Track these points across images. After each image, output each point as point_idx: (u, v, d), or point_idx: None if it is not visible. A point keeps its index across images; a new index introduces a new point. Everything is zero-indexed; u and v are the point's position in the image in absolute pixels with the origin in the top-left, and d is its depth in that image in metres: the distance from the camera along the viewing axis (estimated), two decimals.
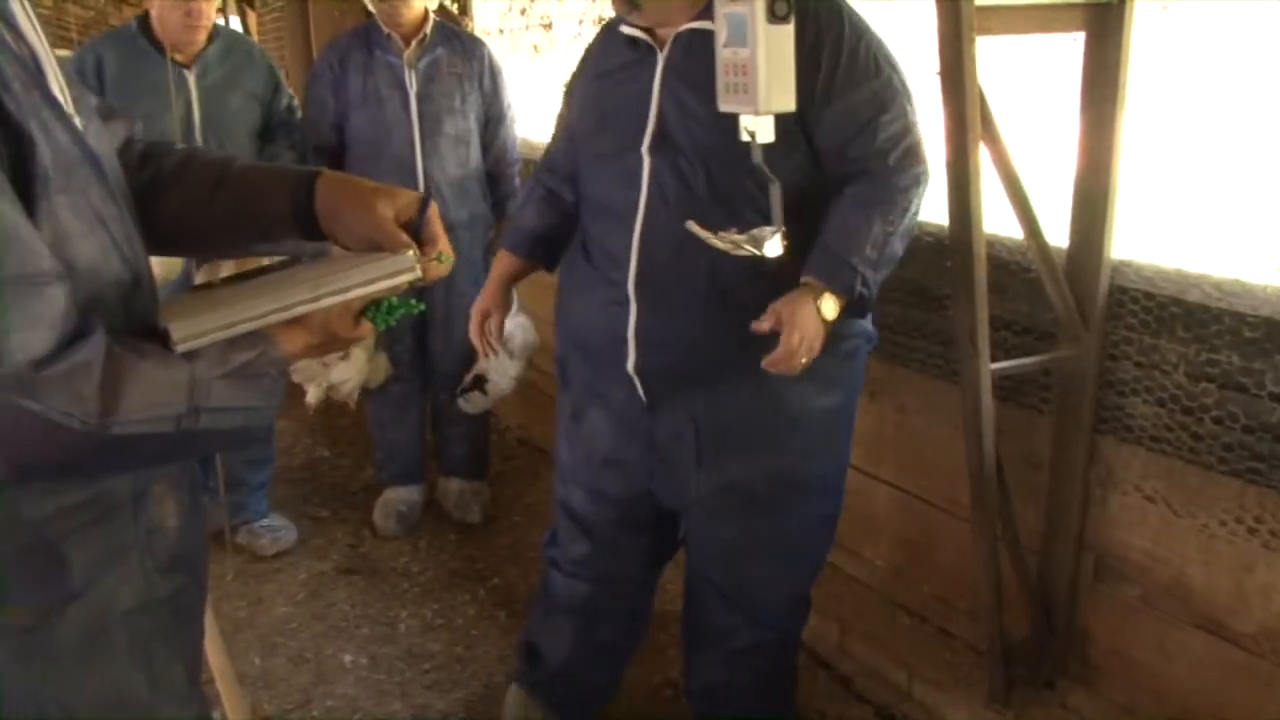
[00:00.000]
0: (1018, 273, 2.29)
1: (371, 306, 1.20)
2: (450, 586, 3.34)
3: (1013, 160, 2.01)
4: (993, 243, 2.26)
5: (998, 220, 2.12)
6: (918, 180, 1.96)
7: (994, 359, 2.14)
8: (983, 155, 1.98)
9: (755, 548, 2.22)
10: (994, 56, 1.99)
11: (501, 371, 3.43)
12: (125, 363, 0.97)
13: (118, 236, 1.05)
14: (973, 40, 1.87)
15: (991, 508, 2.21)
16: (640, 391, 2.11)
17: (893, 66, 1.94)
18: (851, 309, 1.95)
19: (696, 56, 1.91)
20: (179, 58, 3.19)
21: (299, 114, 3.53)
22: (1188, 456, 2.04)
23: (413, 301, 1.24)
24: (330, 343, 1.19)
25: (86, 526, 1.08)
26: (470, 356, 3.46)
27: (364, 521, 3.75)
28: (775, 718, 2.49)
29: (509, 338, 3.41)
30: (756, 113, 1.75)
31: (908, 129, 1.94)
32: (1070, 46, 2.02)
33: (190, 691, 1.27)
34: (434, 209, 1.26)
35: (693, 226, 1.83)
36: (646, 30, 1.99)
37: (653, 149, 1.98)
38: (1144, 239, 2.16)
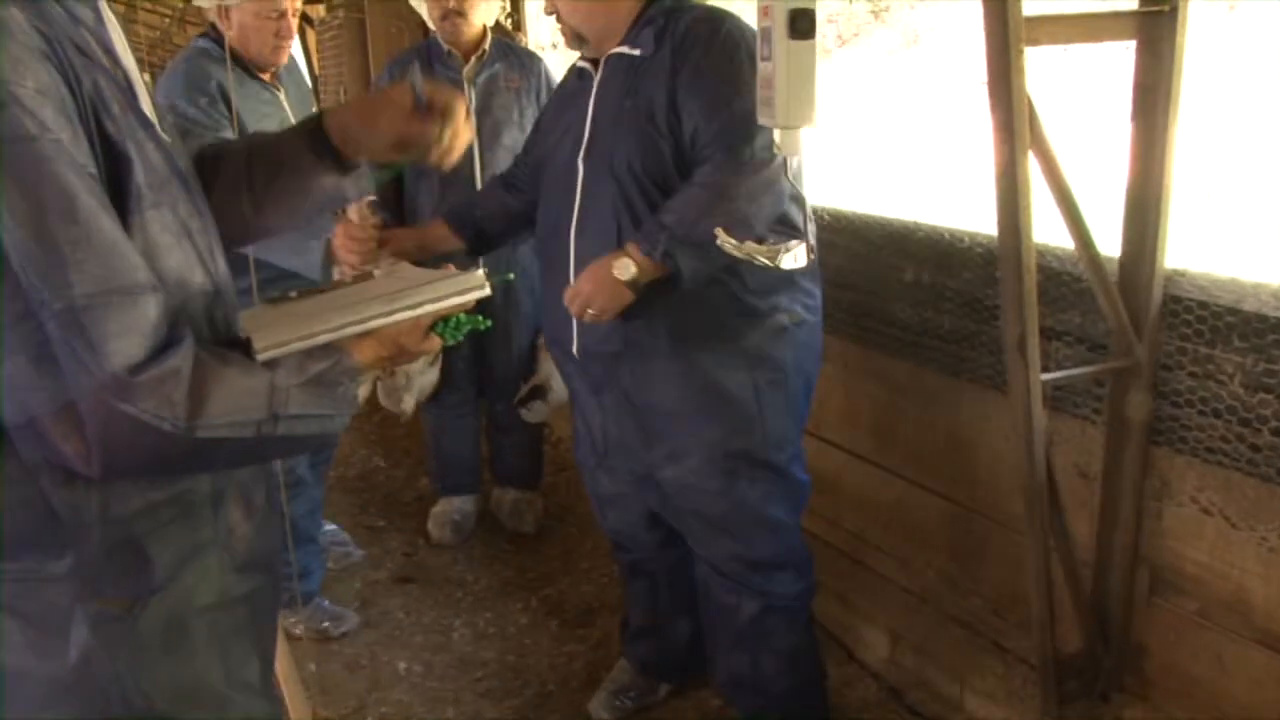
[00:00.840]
0: (1069, 283, 2.27)
1: (440, 322, 1.29)
2: (503, 595, 3.37)
3: (1062, 170, 2.00)
4: (1044, 253, 2.25)
5: (1049, 230, 2.11)
6: (722, 184, 2.10)
7: (1046, 369, 2.12)
8: (1032, 165, 1.97)
9: (721, 519, 2.34)
10: (1043, 63, 1.98)
11: (560, 381, 3.46)
12: (211, 369, 1.03)
13: (202, 249, 1.11)
14: (1021, 51, 1.86)
15: (1044, 519, 2.19)
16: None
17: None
18: (679, 278, 2.10)
19: (619, 76, 2.20)
20: (266, 76, 3.05)
21: None
22: (1245, 468, 2.01)
23: (480, 318, 1.33)
24: (399, 355, 1.27)
25: (169, 524, 1.14)
26: (528, 367, 3.50)
27: (419, 531, 3.80)
28: (810, 714, 2.54)
29: None
30: (774, 126, 1.77)
31: (737, 130, 2.10)
32: (1122, 53, 2.00)
33: (263, 689, 1.33)
34: (429, 86, 1.43)
35: (721, 235, 1.94)
36: (593, 60, 2.28)
37: (585, 158, 2.24)
38: (1199, 247, 2.13)
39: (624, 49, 2.21)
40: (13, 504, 1.05)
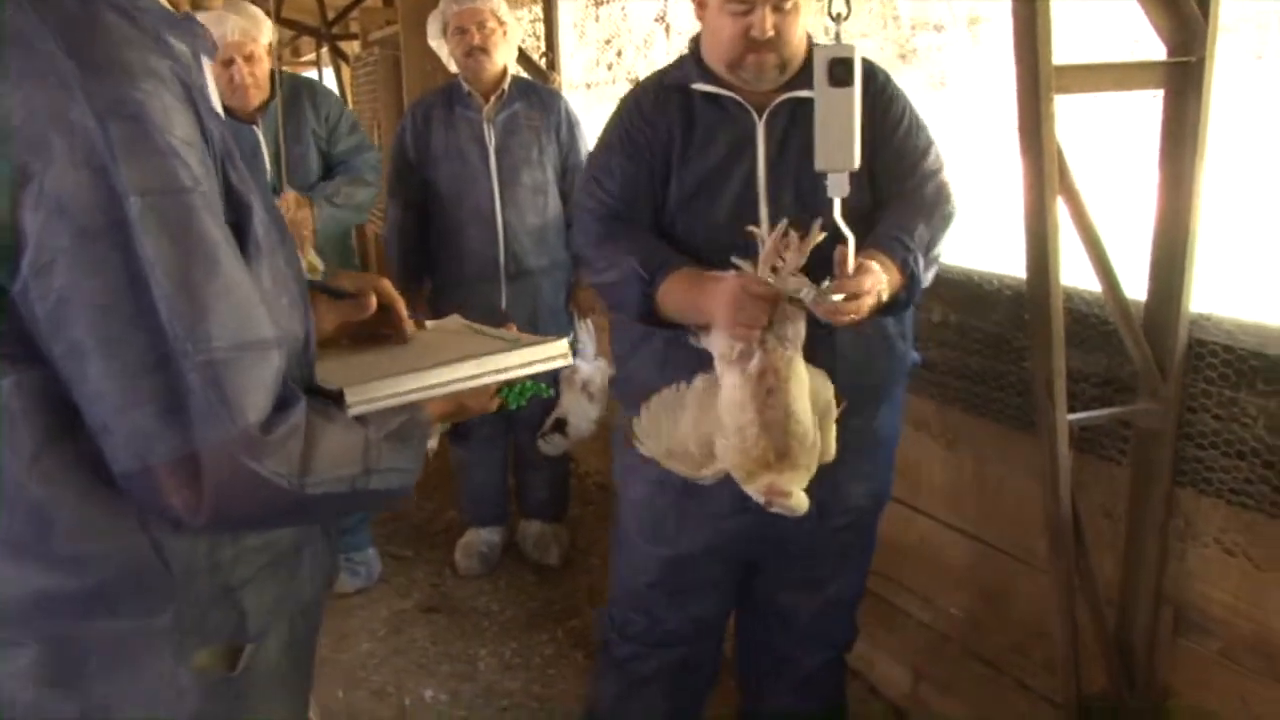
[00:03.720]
0: (1096, 325, 2.31)
1: (506, 386, 1.30)
2: (529, 627, 3.40)
3: (1090, 215, 2.04)
4: (1071, 295, 2.29)
5: (1076, 273, 2.15)
6: (947, 212, 2.08)
7: (1072, 410, 2.16)
8: (1061, 209, 2.02)
9: (830, 557, 2.28)
10: (1072, 108, 2.03)
11: (581, 414, 3.51)
12: (318, 426, 1.04)
13: (297, 295, 1.12)
14: (1051, 99, 1.91)
15: (1069, 558, 2.22)
16: None
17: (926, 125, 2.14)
18: (895, 306, 1.97)
19: (786, 116, 2.04)
20: (242, 116, 3.31)
21: (367, 155, 3.60)
22: (1269, 510, 2.04)
23: (544, 385, 1.35)
24: (460, 412, 1.29)
25: (262, 570, 1.15)
26: (552, 400, 3.54)
27: (445, 561, 3.84)
28: None
29: (589, 380, 3.49)
30: (816, 168, 1.81)
31: (941, 172, 2.11)
32: (1150, 101, 2.05)
33: None
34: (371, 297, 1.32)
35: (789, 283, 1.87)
36: (726, 90, 2.10)
37: (770, 200, 2.08)
38: (1225, 291, 2.16)
39: (802, 92, 1.97)
40: (116, 554, 1.05)
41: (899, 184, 2.08)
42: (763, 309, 1.79)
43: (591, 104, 4.27)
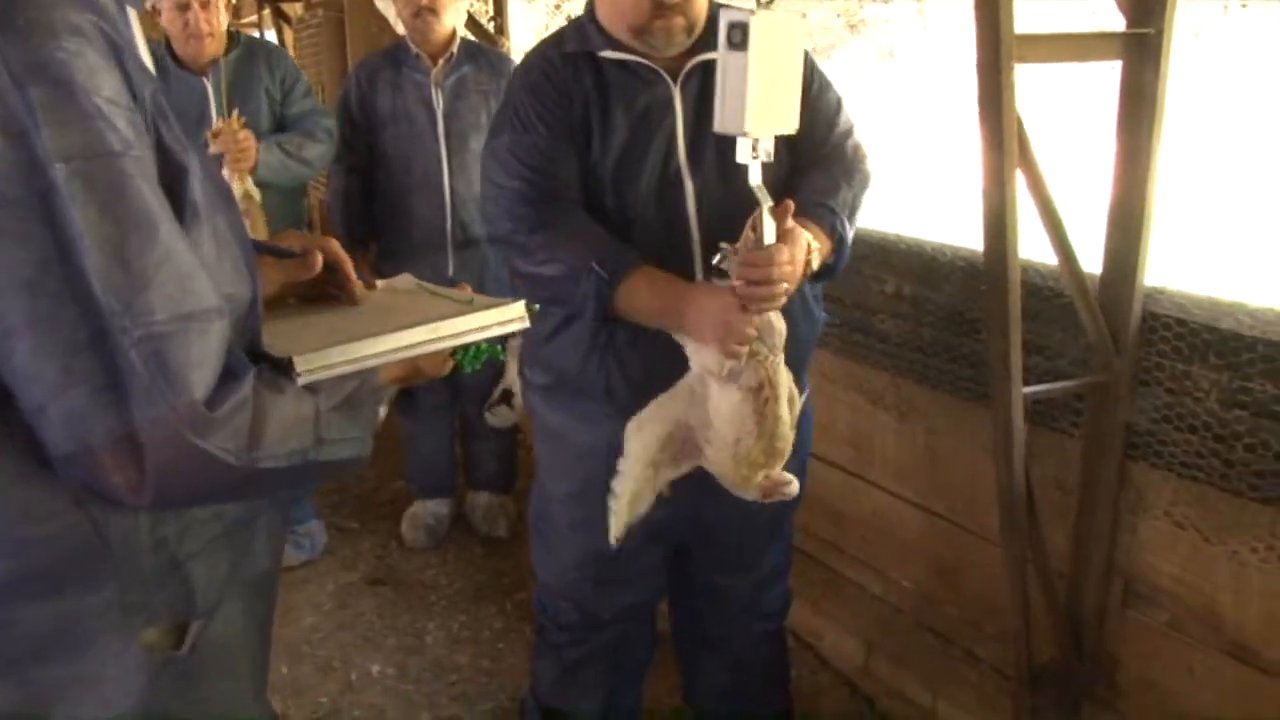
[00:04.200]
0: (1050, 298, 2.30)
1: (461, 349, 1.25)
2: (477, 599, 3.36)
3: (1048, 187, 2.03)
4: (1025, 268, 2.28)
5: (1029, 245, 2.14)
6: (865, 173, 2.06)
7: (1025, 383, 2.16)
8: (1018, 181, 2.00)
9: (756, 531, 2.25)
10: (1029, 81, 2.01)
11: None
12: (267, 398, 1.00)
13: (240, 257, 1.07)
14: (1011, 68, 1.89)
15: (1021, 531, 2.22)
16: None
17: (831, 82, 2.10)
18: (824, 273, 1.95)
19: (698, 82, 1.98)
20: (194, 68, 3.25)
21: (322, 120, 3.47)
22: (1219, 484, 2.05)
23: (499, 348, 1.31)
24: (414, 376, 1.24)
25: (210, 543, 1.11)
26: (501, 370, 3.49)
27: (392, 533, 3.79)
28: (779, 711, 2.54)
29: None
30: (714, 128, 1.76)
31: (853, 131, 2.08)
32: (1108, 73, 2.03)
33: (265, 703, 1.31)
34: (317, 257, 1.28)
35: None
36: (635, 56, 2.02)
37: (692, 169, 2.02)
38: (1178, 266, 2.17)
39: (707, 55, 1.91)
40: (55, 536, 1.00)
41: (816, 146, 2.03)
42: (752, 324, 1.75)
43: None
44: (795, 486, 1.87)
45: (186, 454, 0.93)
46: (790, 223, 1.77)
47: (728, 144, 1.82)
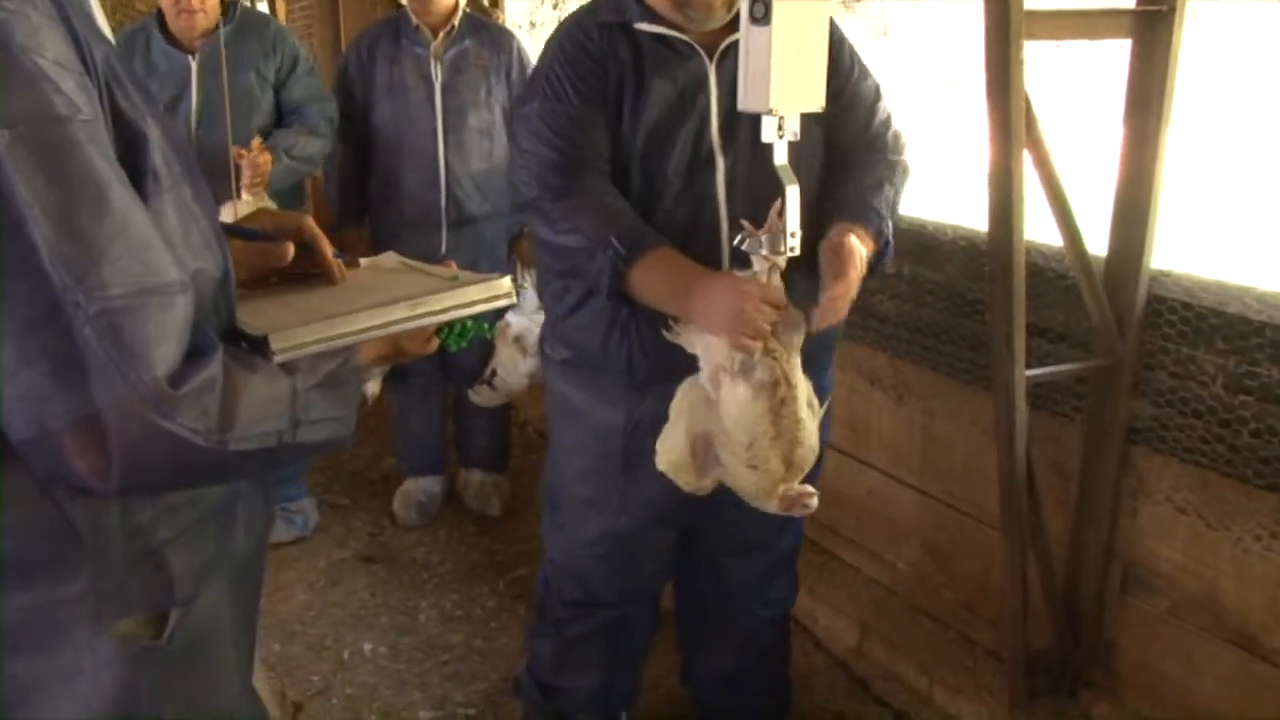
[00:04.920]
0: (1053, 280, 2.28)
1: (445, 326, 1.21)
2: (470, 578, 3.34)
3: (1056, 168, 2.00)
4: (1029, 249, 2.25)
5: (1034, 226, 2.11)
6: (906, 166, 2.03)
7: (1028, 366, 2.13)
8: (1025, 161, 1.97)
9: (774, 520, 2.13)
10: (1037, 61, 1.98)
11: (513, 368, 3.41)
12: (239, 376, 0.95)
13: (209, 231, 1.02)
14: (1020, 45, 1.86)
15: (1021, 514, 2.20)
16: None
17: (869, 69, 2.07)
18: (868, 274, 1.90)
19: (731, 61, 1.91)
20: (184, 43, 3.17)
21: (325, 106, 3.41)
22: (1224, 469, 2.03)
23: (486, 325, 1.26)
24: (397, 355, 1.19)
25: (187, 530, 1.06)
26: (490, 350, 3.46)
27: (384, 511, 3.76)
28: (779, 701, 2.53)
29: (522, 335, 3.40)
30: (739, 107, 1.73)
31: (892, 119, 2.04)
32: (1117, 54, 2.00)
33: (251, 691, 1.27)
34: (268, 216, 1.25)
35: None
36: (674, 31, 1.99)
37: (724, 148, 2.00)
38: (1184, 249, 2.14)
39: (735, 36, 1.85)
40: (20, 524, 0.96)
41: (857, 134, 2.00)
42: (769, 317, 1.69)
43: (535, 45, 4.15)
44: (816, 500, 1.79)
45: (152, 436, 0.88)
46: (848, 243, 1.75)
47: (762, 124, 1.79)
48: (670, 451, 1.85)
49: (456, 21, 3.37)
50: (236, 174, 2.96)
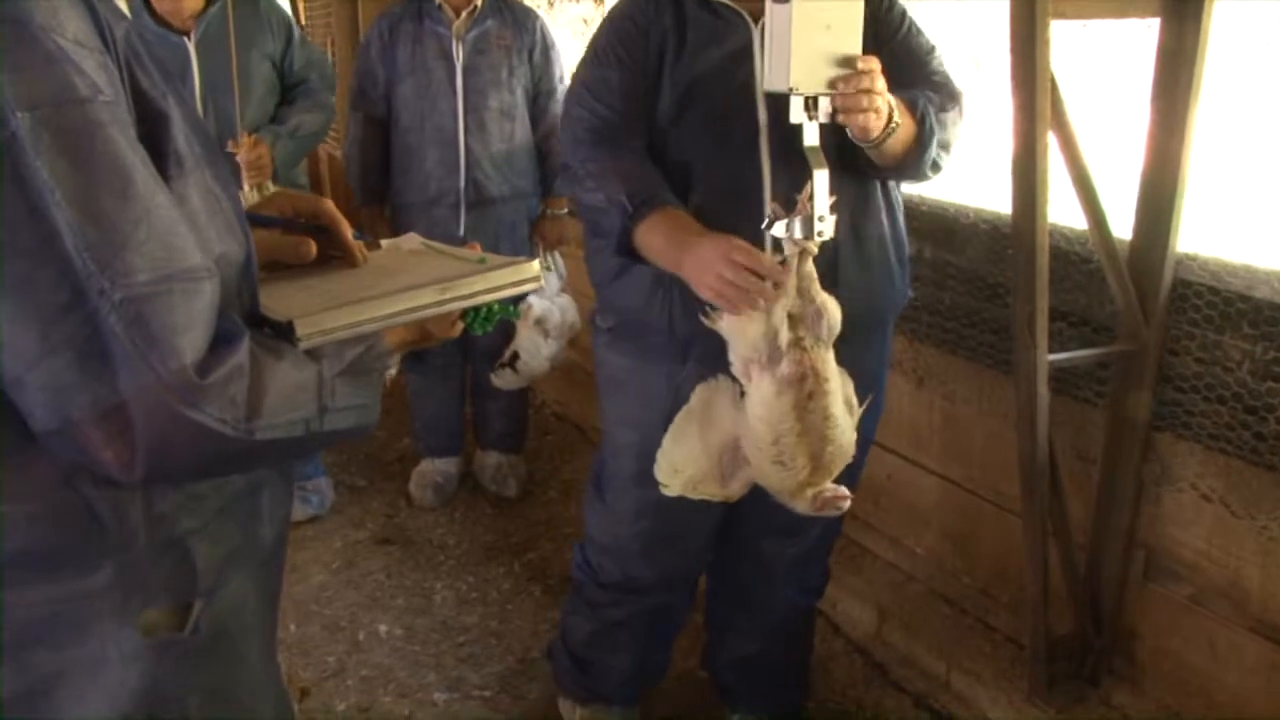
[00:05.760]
0: (1077, 263, 2.25)
1: (471, 311, 1.18)
2: (485, 560, 3.33)
3: (1082, 150, 1.97)
4: (1051, 232, 2.22)
5: (1056, 209, 2.08)
6: (964, 108, 1.95)
7: (1049, 350, 2.10)
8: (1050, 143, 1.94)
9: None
10: (1065, 41, 1.94)
11: (534, 351, 3.40)
12: (266, 364, 0.93)
13: (232, 215, 1.00)
14: (1047, 23, 1.83)
15: (1042, 500, 2.18)
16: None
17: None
18: (908, 158, 1.85)
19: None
20: (176, 24, 3.06)
21: (324, 70, 3.40)
22: (1249, 456, 2.00)
23: (511, 309, 1.23)
24: (422, 340, 1.17)
25: (211, 520, 1.05)
26: (510, 332, 3.45)
27: (400, 491, 3.76)
28: (798, 689, 2.52)
29: (544, 317, 3.39)
30: (764, 87, 1.70)
31: (951, 79, 1.97)
32: (1146, 33, 1.97)
33: (277, 682, 1.26)
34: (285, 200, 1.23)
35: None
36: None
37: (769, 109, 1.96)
38: (1212, 232, 2.11)
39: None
40: (44, 516, 0.94)
41: (909, 85, 1.90)
42: (753, 285, 1.63)
43: (554, 23, 4.12)
44: (849, 502, 1.73)
45: (179, 426, 0.86)
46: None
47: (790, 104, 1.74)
48: (686, 468, 1.81)
49: (479, 1, 3.34)
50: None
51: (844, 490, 1.74)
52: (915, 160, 1.84)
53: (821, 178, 1.64)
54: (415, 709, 2.67)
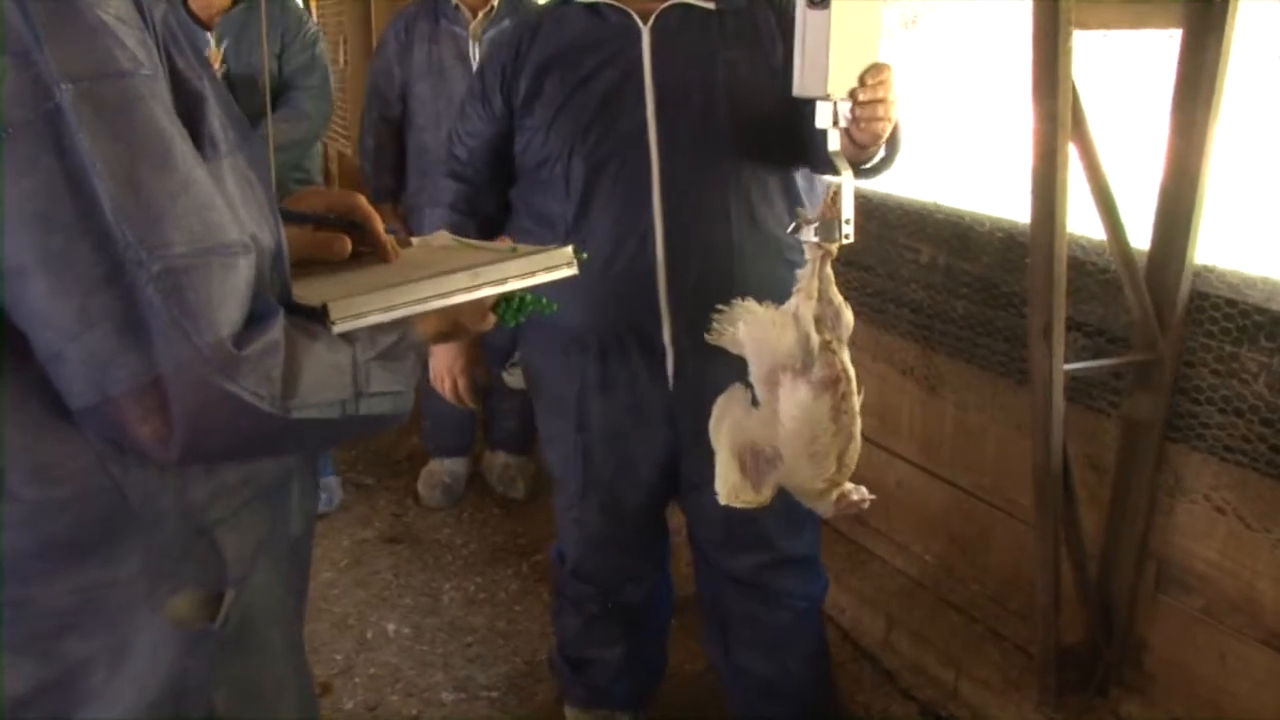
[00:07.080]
0: (1093, 273, 2.24)
1: (503, 302, 1.18)
2: (493, 560, 3.34)
3: (1101, 161, 1.96)
4: (1068, 241, 2.22)
5: (1072, 218, 2.08)
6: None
7: (1064, 359, 2.10)
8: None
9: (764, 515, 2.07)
10: (1083, 53, 1.94)
11: None
12: (300, 344, 0.93)
13: (264, 200, 1.00)
14: (1069, 34, 1.83)
15: (1055, 509, 2.17)
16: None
17: None
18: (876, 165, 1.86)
19: (691, 30, 1.96)
20: (203, 19, 3.16)
21: (311, 78, 3.38)
22: (1265, 469, 2.00)
23: (544, 300, 1.23)
24: (454, 332, 1.17)
25: (241, 509, 1.05)
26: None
27: (408, 491, 3.76)
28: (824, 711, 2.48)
29: None
30: (791, 93, 1.70)
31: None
32: (1167, 43, 1.96)
33: (304, 674, 1.26)
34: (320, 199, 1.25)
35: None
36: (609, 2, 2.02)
37: (660, 122, 2.01)
38: (1230, 244, 2.11)
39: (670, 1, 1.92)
40: (74, 501, 0.94)
41: None
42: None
43: None
44: (868, 503, 1.73)
45: (216, 399, 0.86)
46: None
47: (703, 101, 1.85)
48: (724, 479, 1.81)
49: (496, 1, 3.34)
50: None
51: (864, 490, 1.73)
52: (886, 162, 1.86)
53: (848, 180, 1.64)
54: (423, 708, 2.67)
